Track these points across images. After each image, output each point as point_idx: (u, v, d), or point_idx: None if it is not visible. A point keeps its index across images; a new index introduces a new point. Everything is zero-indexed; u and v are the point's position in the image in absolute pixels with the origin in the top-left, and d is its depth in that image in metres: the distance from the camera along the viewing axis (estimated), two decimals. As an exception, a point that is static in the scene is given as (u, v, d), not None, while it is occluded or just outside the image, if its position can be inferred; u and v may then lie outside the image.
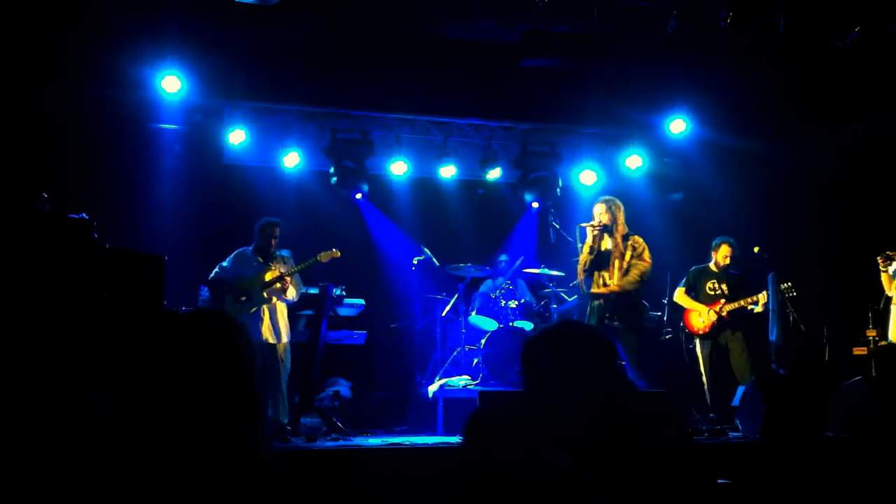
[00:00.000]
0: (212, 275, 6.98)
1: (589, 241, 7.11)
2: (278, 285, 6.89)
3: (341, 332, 8.04)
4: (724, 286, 7.66)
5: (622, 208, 7.19)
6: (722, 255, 7.73)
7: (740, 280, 7.76)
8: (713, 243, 7.82)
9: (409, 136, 9.31)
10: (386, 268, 9.42)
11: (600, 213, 7.15)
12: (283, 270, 6.97)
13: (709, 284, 7.71)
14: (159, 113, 8.22)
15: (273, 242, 7.06)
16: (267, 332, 6.80)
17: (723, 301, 7.60)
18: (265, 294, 6.86)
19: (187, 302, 7.62)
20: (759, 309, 7.57)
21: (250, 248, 7.04)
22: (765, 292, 7.56)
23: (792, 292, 7.60)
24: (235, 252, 7.01)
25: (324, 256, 7.15)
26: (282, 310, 7.04)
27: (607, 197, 7.33)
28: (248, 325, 6.64)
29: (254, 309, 6.80)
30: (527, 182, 9.57)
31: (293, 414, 6.91)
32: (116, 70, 7.36)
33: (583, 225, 7.19)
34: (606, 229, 7.09)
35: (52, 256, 4.83)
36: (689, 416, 7.40)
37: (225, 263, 6.95)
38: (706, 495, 2.22)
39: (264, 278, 6.88)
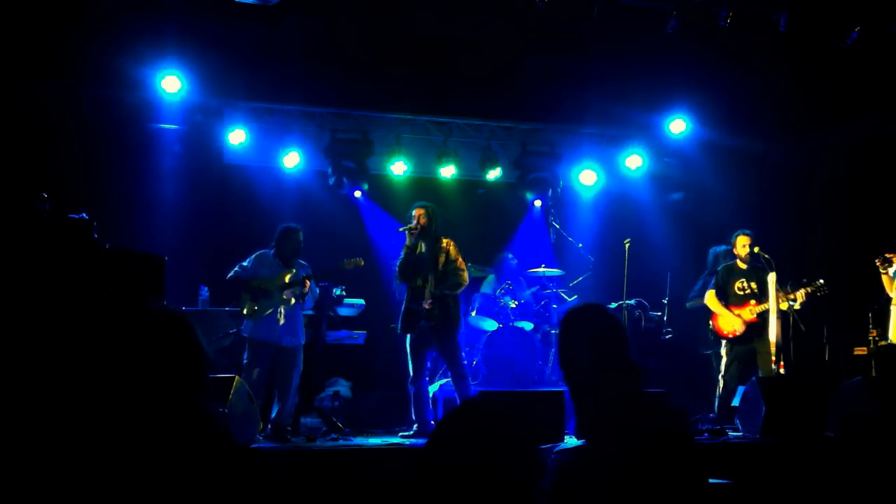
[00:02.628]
0: (230, 273, 6.94)
1: (408, 242, 6.91)
2: (298, 289, 6.84)
3: (341, 332, 8.03)
4: (753, 284, 7.48)
5: (437, 214, 7.00)
6: (741, 245, 7.57)
7: (767, 275, 7.60)
8: (732, 239, 7.62)
9: (409, 136, 9.31)
10: (386, 268, 9.41)
11: (419, 216, 6.91)
12: (302, 276, 6.93)
13: (738, 284, 7.54)
14: (159, 113, 8.22)
15: (300, 248, 6.97)
16: (282, 334, 6.77)
17: (752, 302, 7.46)
18: (284, 296, 6.83)
19: (187, 302, 7.62)
20: (797, 306, 7.50)
21: (271, 251, 6.98)
22: (802, 290, 7.48)
23: (824, 290, 7.49)
24: (257, 253, 6.96)
25: (348, 264, 7.10)
26: (297, 312, 6.99)
27: (426, 202, 7.10)
28: (263, 325, 6.67)
29: (269, 310, 6.76)
30: (527, 182, 9.57)
31: (293, 414, 6.90)
32: (116, 70, 7.36)
33: (401, 229, 6.97)
34: (424, 232, 6.87)
35: (52, 256, 4.83)
36: (689, 416, 7.37)
37: (245, 263, 6.90)
38: (701, 495, 2.25)
39: (283, 280, 6.85)
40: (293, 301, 6.84)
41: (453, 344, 6.79)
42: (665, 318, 8.69)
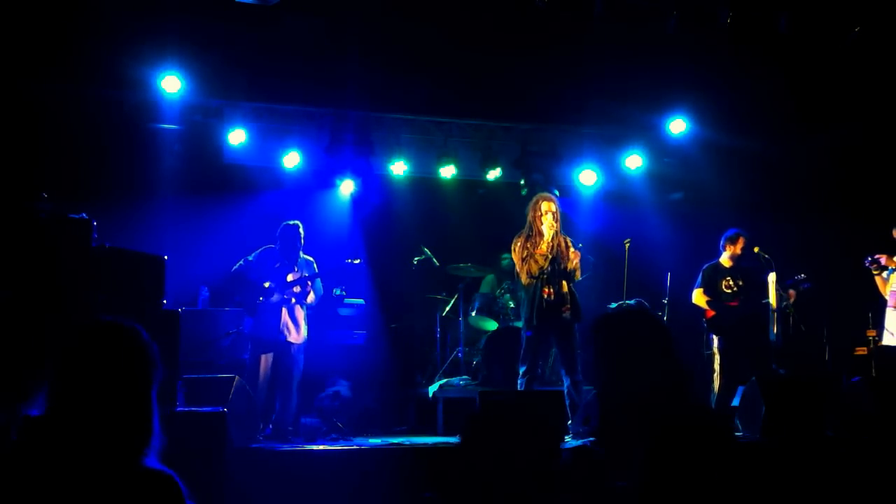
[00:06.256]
0: (235, 267, 6.97)
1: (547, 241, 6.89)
2: (298, 288, 6.85)
3: (341, 332, 8.03)
4: (739, 282, 7.55)
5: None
6: (739, 247, 7.61)
7: (754, 274, 7.63)
8: (730, 236, 7.65)
9: (409, 136, 9.31)
10: (386, 268, 9.41)
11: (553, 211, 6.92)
12: (305, 274, 6.94)
13: (724, 283, 7.59)
14: (159, 113, 8.21)
15: (300, 245, 6.99)
16: (283, 331, 6.79)
17: (742, 299, 7.50)
18: (285, 295, 6.84)
19: (187, 302, 7.63)
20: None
21: (276, 247, 7.00)
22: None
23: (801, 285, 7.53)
24: (261, 249, 6.98)
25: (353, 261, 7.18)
26: (300, 309, 7.00)
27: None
28: (264, 322, 6.67)
29: (273, 303, 6.79)
30: (527, 182, 9.57)
31: (294, 413, 6.90)
32: (116, 70, 7.35)
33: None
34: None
35: (51, 256, 4.82)
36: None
37: (250, 258, 6.93)
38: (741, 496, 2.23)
39: (286, 279, 6.87)
40: (294, 300, 6.85)
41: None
42: (665, 319, 8.68)
